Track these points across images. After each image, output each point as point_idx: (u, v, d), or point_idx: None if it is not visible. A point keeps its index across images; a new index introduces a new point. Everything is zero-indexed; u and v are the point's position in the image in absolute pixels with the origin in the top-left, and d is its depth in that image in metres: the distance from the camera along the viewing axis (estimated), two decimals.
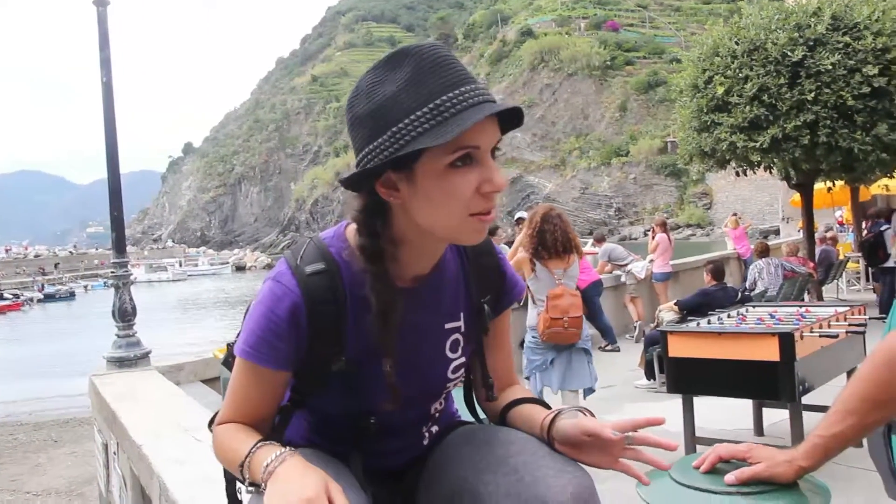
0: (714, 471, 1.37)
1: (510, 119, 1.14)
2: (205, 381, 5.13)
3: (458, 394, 1.47)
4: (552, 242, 4.71)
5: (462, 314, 1.31)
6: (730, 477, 1.26)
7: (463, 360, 1.32)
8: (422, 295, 1.24)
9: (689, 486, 1.34)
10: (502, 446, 1.22)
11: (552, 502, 1.09)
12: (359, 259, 1.17)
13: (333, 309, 1.17)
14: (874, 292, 11.56)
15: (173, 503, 2.15)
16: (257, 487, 1.10)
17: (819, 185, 10.72)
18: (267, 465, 1.08)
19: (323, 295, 1.17)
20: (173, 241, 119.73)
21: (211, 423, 1.33)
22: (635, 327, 9.80)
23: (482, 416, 1.47)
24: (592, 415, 1.25)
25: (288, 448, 1.12)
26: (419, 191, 1.09)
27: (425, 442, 1.36)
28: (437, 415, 1.38)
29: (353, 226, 1.19)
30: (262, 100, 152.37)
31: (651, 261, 10.48)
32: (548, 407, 1.32)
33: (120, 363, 4.82)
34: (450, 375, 1.31)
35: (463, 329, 1.31)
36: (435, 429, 1.38)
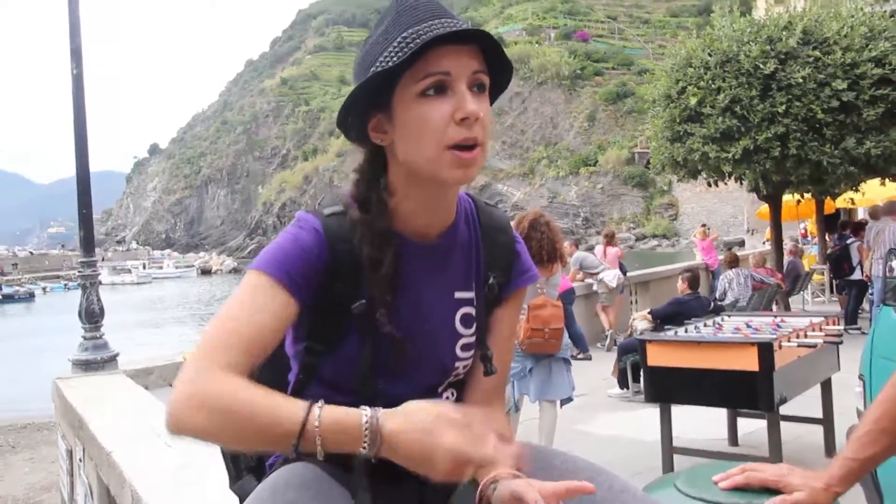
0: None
1: (501, 65, 1.15)
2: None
3: None
4: (537, 250, 4.63)
5: (473, 285, 1.28)
6: None
7: (474, 339, 1.27)
8: (428, 254, 1.23)
9: (701, 500, 1.30)
10: (566, 477, 1.13)
11: None
12: (354, 208, 1.19)
13: (351, 248, 1.17)
14: (840, 305, 11.74)
15: None
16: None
17: (787, 197, 10.88)
18: (368, 424, 0.99)
19: (341, 233, 1.17)
20: (137, 243, 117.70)
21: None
22: (606, 336, 9.83)
23: None
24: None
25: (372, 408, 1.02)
26: (398, 126, 1.12)
27: None
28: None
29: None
30: (230, 102, 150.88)
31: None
32: None
33: (86, 366, 4.65)
34: (459, 353, 1.26)
35: (475, 302, 1.28)
36: None
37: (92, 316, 4.77)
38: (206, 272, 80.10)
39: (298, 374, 1.23)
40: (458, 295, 1.26)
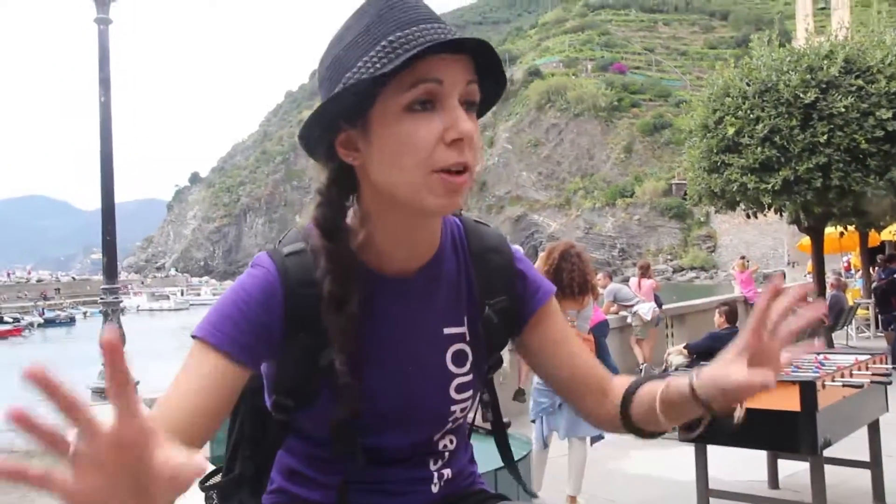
0: None
1: (491, 78, 1.00)
2: None
3: (480, 447, 1.28)
4: (568, 282, 4.48)
5: (465, 320, 1.13)
6: None
7: (470, 377, 1.13)
8: (406, 292, 1.08)
9: None
10: None
11: None
12: (316, 236, 1.03)
13: (314, 292, 1.01)
14: (886, 341, 11.31)
15: None
16: None
17: (830, 230, 10.58)
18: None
19: (303, 276, 1.02)
20: (176, 270, 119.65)
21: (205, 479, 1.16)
22: (641, 370, 9.57)
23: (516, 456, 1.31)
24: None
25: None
26: (375, 144, 0.97)
27: (435, 488, 1.14)
28: (446, 453, 1.17)
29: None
30: (269, 132, 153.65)
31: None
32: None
33: (104, 394, 4.60)
34: (454, 394, 1.11)
35: (468, 338, 1.13)
36: (447, 472, 1.16)
37: None
38: None
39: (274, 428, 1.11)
40: (447, 331, 1.12)
